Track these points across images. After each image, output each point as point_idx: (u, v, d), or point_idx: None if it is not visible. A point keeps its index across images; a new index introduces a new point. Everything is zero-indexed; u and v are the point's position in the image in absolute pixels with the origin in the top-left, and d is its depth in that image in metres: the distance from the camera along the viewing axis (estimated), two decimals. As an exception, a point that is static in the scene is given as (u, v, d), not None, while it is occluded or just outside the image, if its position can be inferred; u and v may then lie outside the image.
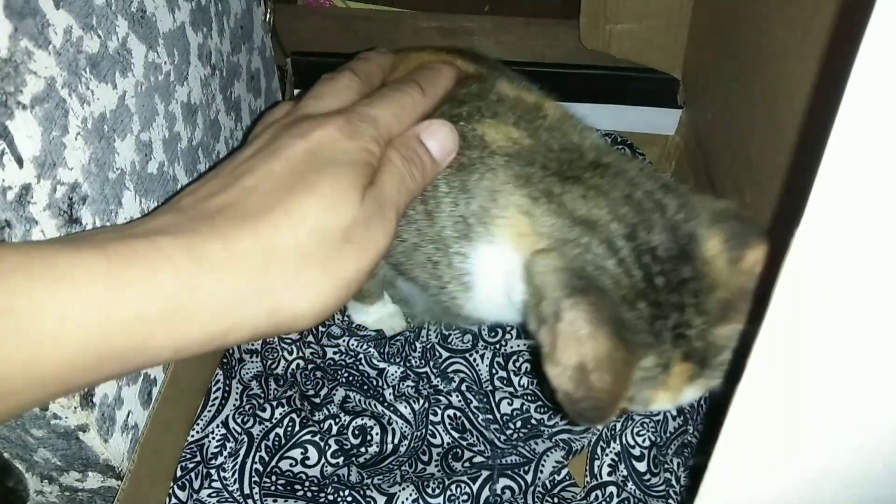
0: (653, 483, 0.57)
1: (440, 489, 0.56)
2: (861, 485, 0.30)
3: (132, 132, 0.46)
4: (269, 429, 0.59)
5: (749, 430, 0.27)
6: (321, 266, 0.35)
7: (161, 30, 0.49)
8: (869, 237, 0.22)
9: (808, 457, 0.29)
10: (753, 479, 0.30)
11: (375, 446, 0.60)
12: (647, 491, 0.57)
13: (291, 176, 0.36)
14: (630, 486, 0.57)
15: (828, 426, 0.27)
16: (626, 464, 0.58)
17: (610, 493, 0.57)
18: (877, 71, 0.19)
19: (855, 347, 0.24)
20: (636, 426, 0.58)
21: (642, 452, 0.58)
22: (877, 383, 0.25)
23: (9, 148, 0.34)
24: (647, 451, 0.58)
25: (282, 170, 0.36)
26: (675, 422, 0.60)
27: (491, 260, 0.46)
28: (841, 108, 0.19)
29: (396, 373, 0.65)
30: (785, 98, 0.54)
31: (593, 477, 0.58)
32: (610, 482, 0.57)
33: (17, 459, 0.47)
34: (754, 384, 0.26)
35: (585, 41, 0.82)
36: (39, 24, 0.35)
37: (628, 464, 0.58)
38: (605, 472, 0.57)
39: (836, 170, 0.20)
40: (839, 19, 0.47)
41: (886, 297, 0.23)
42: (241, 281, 0.32)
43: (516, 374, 0.64)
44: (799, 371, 0.25)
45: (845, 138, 0.20)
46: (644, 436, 0.58)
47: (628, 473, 0.57)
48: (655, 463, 0.58)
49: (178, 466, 0.57)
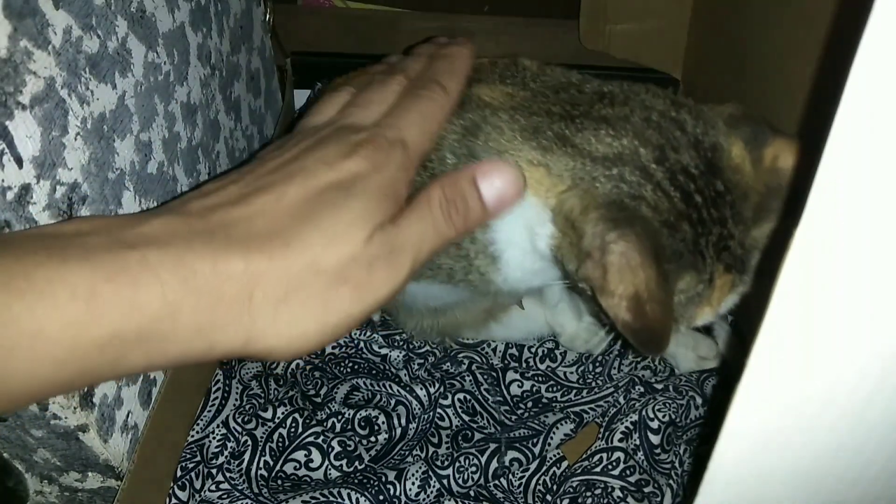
0: (662, 458, 0.58)
1: (449, 461, 0.57)
2: (861, 484, 0.30)
3: (132, 132, 0.46)
4: (272, 429, 0.59)
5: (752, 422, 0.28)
6: (308, 306, 0.33)
7: (161, 30, 0.49)
8: (868, 236, 0.22)
9: (808, 452, 0.29)
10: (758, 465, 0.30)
11: (384, 434, 0.60)
12: (654, 464, 0.57)
13: (304, 204, 0.34)
14: (639, 455, 0.57)
15: (827, 427, 0.27)
16: (641, 434, 0.58)
17: (617, 458, 0.57)
18: (876, 71, 0.19)
19: (857, 340, 0.24)
20: (658, 403, 0.59)
21: (660, 426, 0.58)
22: (878, 380, 0.26)
23: (8, 148, 0.34)
24: (664, 427, 0.58)
25: (296, 196, 0.34)
26: (697, 411, 0.60)
27: (513, 220, 0.44)
28: (840, 107, 0.19)
29: (399, 357, 0.65)
30: (785, 98, 0.54)
31: (604, 442, 0.58)
32: (619, 448, 0.57)
33: (17, 459, 0.47)
34: (756, 380, 0.26)
35: (585, 41, 0.82)
36: (39, 25, 0.35)
37: (643, 434, 0.58)
38: (617, 439, 0.58)
39: (836, 169, 0.20)
40: (839, 19, 0.47)
41: (886, 296, 0.23)
42: (223, 306, 0.31)
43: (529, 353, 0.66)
44: (800, 366, 0.25)
45: (845, 138, 0.20)
46: (665, 412, 0.58)
47: (640, 443, 0.58)
48: (669, 440, 0.58)
49: (178, 466, 0.57)
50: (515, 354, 0.67)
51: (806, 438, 0.28)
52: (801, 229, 0.21)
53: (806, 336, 0.24)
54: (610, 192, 0.40)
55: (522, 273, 0.48)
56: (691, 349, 0.64)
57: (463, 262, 0.48)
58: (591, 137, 0.41)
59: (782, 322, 0.24)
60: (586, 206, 0.39)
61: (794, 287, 0.23)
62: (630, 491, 0.55)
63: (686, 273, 0.40)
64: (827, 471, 0.30)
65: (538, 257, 0.45)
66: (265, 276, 0.32)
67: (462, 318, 0.65)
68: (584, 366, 0.65)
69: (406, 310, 0.65)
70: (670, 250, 0.39)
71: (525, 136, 0.43)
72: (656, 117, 0.41)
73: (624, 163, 0.40)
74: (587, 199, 0.40)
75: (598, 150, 0.41)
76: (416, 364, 0.65)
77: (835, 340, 0.24)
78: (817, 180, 0.20)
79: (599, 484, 0.56)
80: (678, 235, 0.39)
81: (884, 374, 0.25)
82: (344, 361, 0.65)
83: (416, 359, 0.66)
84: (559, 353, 0.67)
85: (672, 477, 0.57)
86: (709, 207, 0.40)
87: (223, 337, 0.32)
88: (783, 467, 0.30)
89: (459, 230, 0.38)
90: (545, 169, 0.42)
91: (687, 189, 0.39)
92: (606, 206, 0.39)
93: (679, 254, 0.39)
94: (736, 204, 0.40)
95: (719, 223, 0.40)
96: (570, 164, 0.41)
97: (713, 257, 0.40)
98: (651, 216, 0.39)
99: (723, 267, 0.41)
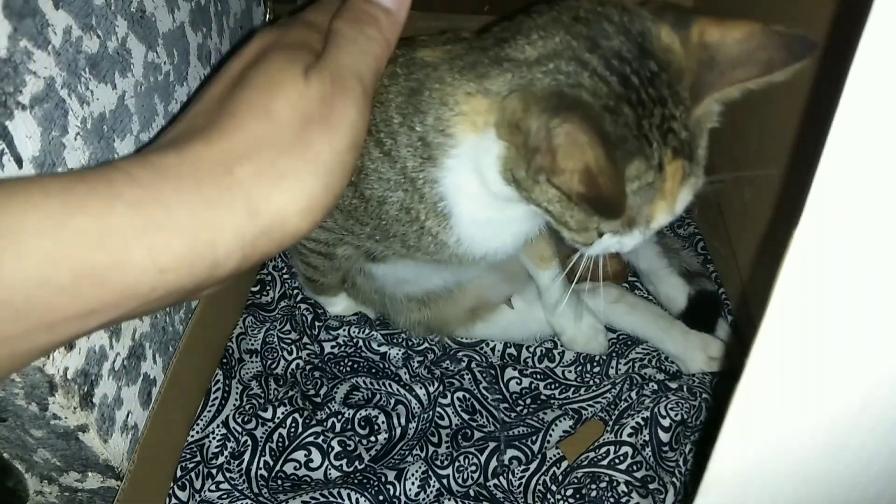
0: (669, 456, 0.58)
1: (448, 460, 0.57)
2: (861, 484, 0.30)
3: (132, 132, 0.46)
4: (271, 429, 0.59)
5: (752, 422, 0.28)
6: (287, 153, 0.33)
7: (160, 30, 0.49)
8: (867, 235, 0.22)
9: (808, 452, 0.29)
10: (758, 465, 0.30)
11: (384, 433, 0.60)
12: (661, 461, 0.57)
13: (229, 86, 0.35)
14: (647, 451, 0.57)
15: (827, 426, 0.27)
16: (651, 430, 0.58)
17: (624, 452, 0.57)
18: (875, 71, 0.19)
19: (857, 340, 0.24)
20: (671, 402, 0.59)
21: (671, 424, 0.58)
22: (877, 380, 0.26)
23: (8, 148, 0.34)
24: (675, 426, 0.58)
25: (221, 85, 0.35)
26: (709, 414, 0.60)
27: (459, 166, 0.45)
28: (839, 107, 0.19)
29: (398, 354, 0.65)
30: (785, 98, 0.54)
31: (613, 436, 0.58)
32: (627, 442, 0.57)
33: (17, 459, 0.47)
34: (756, 380, 0.26)
35: (585, 41, 0.82)
36: (39, 25, 0.35)
37: (653, 431, 0.58)
38: (626, 434, 0.58)
39: (835, 169, 0.20)
40: (839, 19, 0.47)
41: (886, 295, 0.23)
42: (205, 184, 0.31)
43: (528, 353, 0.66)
44: (800, 366, 0.25)
45: (844, 138, 0.20)
46: (677, 412, 0.58)
47: (650, 440, 0.58)
48: (678, 439, 0.58)
49: (178, 466, 0.57)
50: (514, 354, 0.67)
51: (805, 438, 0.28)
52: (801, 229, 0.21)
53: (806, 337, 0.24)
54: (548, 85, 0.40)
55: (475, 227, 0.49)
56: (701, 350, 0.64)
57: (415, 227, 0.49)
58: (525, 45, 0.42)
59: (782, 322, 0.24)
60: (527, 104, 0.40)
61: (793, 287, 0.23)
62: (635, 487, 0.55)
63: (634, 158, 0.40)
64: (827, 471, 0.30)
65: (490, 199, 0.46)
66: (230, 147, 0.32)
67: (447, 312, 0.66)
68: (581, 366, 0.66)
69: (391, 301, 0.66)
70: (615, 136, 0.39)
71: (463, 73, 0.44)
72: (583, 13, 0.42)
73: (559, 57, 0.41)
74: (527, 97, 0.40)
75: (532, 54, 0.42)
76: (416, 362, 0.65)
77: (834, 341, 0.24)
78: (817, 180, 0.20)
79: (605, 477, 0.56)
80: (620, 119, 0.40)
81: (883, 373, 0.25)
82: (343, 360, 0.65)
83: (415, 356, 0.66)
84: (557, 353, 0.67)
85: (676, 475, 0.57)
86: (646, 88, 0.40)
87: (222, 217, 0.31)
88: (783, 467, 0.30)
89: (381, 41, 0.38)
90: (482, 95, 0.43)
91: (623, 72, 0.40)
92: (546, 98, 0.39)
93: (624, 138, 0.40)
94: (672, 83, 0.41)
95: (659, 103, 0.40)
96: (507, 78, 0.42)
97: (659, 141, 0.40)
98: (592, 101, 0.40)
99: (670, 151, 0.41)
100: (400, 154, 0.47)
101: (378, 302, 0.67)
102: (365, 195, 0.49)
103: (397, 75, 0.47)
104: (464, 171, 0.46)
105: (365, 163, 0.48)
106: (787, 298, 0.23)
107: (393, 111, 0.46)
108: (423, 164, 0.46)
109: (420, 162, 0.46)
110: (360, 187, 0.49)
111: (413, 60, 0.47)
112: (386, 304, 0.67)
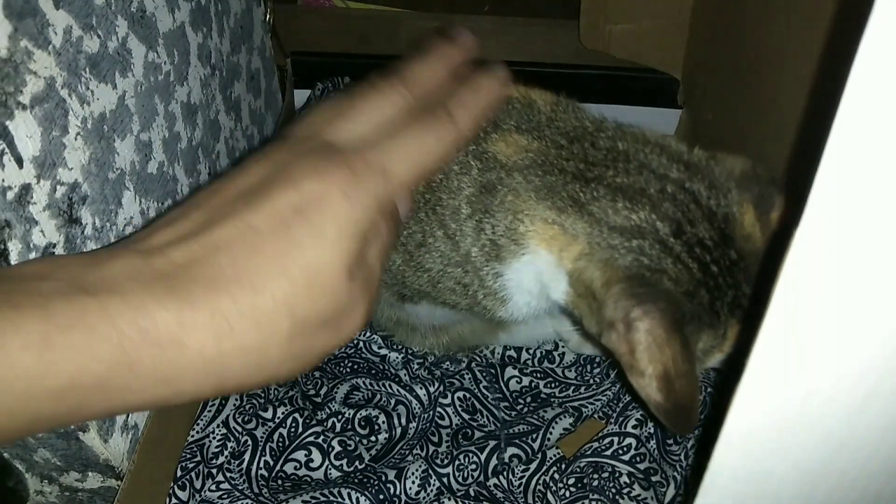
0: (672, 450, 0.58)
1: (448, 459, 0.57)
2: (861, 482, 0.30)
3: (132, 132, 0.46)
4: (272, 429, 0.59)
5: (752, 421, 0.28)
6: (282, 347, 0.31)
7: (161, 30, 0.49)
8: (869, 235, 0.22)
9: (808, 450, 0.29)
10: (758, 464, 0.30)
11: (384, 433, 0.60)
12: (664, 454, 0.57)
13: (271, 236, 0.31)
14: (651, 444, 0.57)
15: (826, 425, 0.27)
16: (656, 423, 0.58)
17: (628, 443, 0.57)
18: (876, 71, 0.19)
19: (857, 338, 0.24)
20: None
21: None
22: (877, 379, 0.26)
23: (9, 148, 0.34)
24: None
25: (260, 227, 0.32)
26: (711, 410, 0.60)
27: (526, 270, 0.46)
28: (840, 107, 0.19)
29: (398, 358, 0.65)
30: (785, 98, 0.54)
31: (617, 427, 0.58)
32: (631, 434, 0.57)
33: (17, 459, 0.47)
34: (756, 379, 0.26)
35: (585, 41, 0.82)
36: (39, 24, 0.35)
37: (657, 423, 0.58)
38: (631, 425, 0.58)
39: (836, 169, 0.20)
40: (839, 19, 0.47)
41: (886, 294, 0.23)
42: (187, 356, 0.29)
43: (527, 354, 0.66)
44: (800, 366, 0.25)
45: (845, 138, 0.20)
46: None
47: (654, 432, 0.58)
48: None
49: (178, 466, 0.56)
50: (514, 356, 0.67)
51: (806, 437, 0.28)
52: (801, 229, 0.21)
53: (805, 335, 0.24)
54: (631, 264, 0.41)
55: (529, 310, 0.50)
56: None
57: (468, 300, 0.50)
58: (608, 208, 0.42)
59: (782, 322, 0.24)
60: (608, 279, 0.41)
61: (794, 286, 0.23)
62: (638, 478, 0.55)
63: (704, 332, 0.42)
64: (827, 468, 0.30)
65: (548, 302, 0.47)
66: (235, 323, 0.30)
67: (466, 333, 0.65)
68: (582, 367, 0.66)
69: (408, 328, 0.64)
70: (690, 315, 0.41)
71: (539, 196, 0.44)
72: (671, 189, 0.42)
73: (643, 236, 0.41)
74: (608, 272, 0.41)
75: (616, 221, 0.42)
76: (416, 364, 0.65)
77: (834, 340, 0.24)
78: (817, 180, 0.20)
79: (608, 467, 0.56)
80: (696, 300, 0.41)
81: (883, 372, 0.25)
82: (344, 361, 0.65)
83: (414, 360, 0.66)
84: (557, 354, 0.67)
85: (678, 469, 0.57)
86: (724, 275, 0.42)
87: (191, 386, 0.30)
88: (783, 466, 0.30)
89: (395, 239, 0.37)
90: (559, 227, 0.43)
91: (704, 260, 0.41)
92: (628, 279, 0.40)
93: (698, 317, 0.41)
94: (749, 269, 0.42)
95: (734, 287, 0.42)
96: (585, 228, 0.42)
97: (727, 314, 0.42)
98: (673, 289, 0.41)
99: (736, 321, 0.43)
100: (465, 242, 0.47)
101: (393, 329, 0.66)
102: (424, 266, 0.49)
103: (469, 166, 0.46)
104: (529, 275, 0.46)
105: (426, 239, 0.48)
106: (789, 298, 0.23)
107: (462, 201, 0.46)
108: (489, 260, 0.47)
109: (486, 258, 0.47)
110: (416, 257, 0.50)
111: (485, 154, 0.46)
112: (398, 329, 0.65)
